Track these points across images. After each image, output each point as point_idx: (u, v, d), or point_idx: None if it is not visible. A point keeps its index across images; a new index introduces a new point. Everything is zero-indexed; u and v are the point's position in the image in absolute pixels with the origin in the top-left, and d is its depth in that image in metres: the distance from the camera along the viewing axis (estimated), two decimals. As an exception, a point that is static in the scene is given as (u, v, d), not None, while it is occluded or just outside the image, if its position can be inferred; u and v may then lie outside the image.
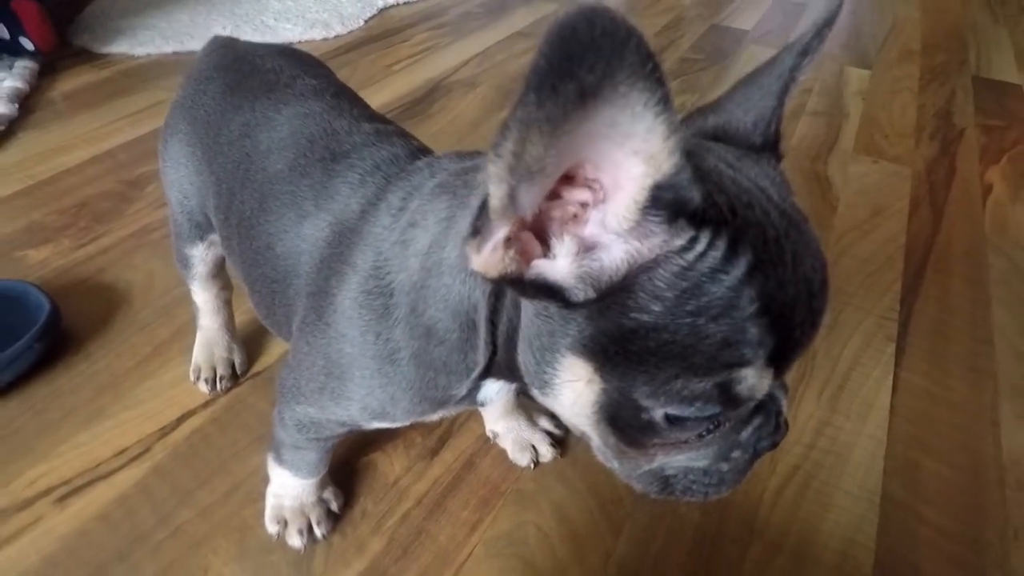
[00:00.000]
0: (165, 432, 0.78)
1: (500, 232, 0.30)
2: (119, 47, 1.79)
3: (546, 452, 0.75)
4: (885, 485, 0.74)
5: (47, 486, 0.72)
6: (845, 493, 0.74)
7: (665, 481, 0.41)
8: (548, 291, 0.32)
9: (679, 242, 0.30)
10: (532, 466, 0.74)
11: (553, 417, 0.79)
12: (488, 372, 0.44)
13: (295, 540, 0.66)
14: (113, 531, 0.68)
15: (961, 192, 1.28)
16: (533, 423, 0.77)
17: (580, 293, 0.32)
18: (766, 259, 0.32)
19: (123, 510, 0.70)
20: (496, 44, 1.88)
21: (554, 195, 0.31)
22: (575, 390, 0.36)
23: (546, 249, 0.32)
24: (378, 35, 1.92)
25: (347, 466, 0.75)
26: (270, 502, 0.68)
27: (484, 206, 0.29)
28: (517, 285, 0.32)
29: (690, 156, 0.28)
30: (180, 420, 0.80)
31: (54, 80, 1.63)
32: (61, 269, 1.01)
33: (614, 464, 0.42)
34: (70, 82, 1.62)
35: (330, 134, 0.56)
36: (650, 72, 0.24)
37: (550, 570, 0.66)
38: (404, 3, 2.15)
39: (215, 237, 0.71)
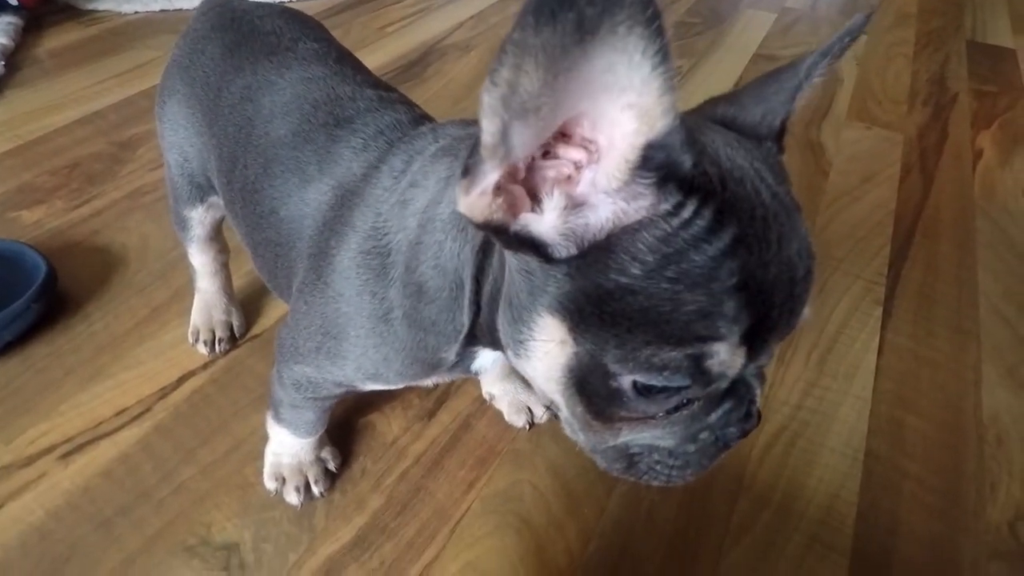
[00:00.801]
0: (165, 392, 0.79)
1: (490, 177, 0.30)
2: (105, 3, 1.75)
3: (541, 413, 0.76)
4: (869, 442, 0.77)
5: (50, 443, 0.74)
6: (831, 451, 0.76)
7: (630, 459, 0.40)
8: (532, 245, 0.32)
9: (666, 206, 0.30)
10: (527, 427, 0.76)
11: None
12: (474, 336, 0.45)
13: (292, 497, 0.68)
14: (117, 487, 0.70)
15: (952, 158, 1.29)
16: (529, 386, 0.79)
17: (563, 249, 0.32)
18: (751, 236, 0.32)
19: (126, 467, 0.71)
20: (490, 6, 1.84)
21: (550, 154, 0.31)
22: (548, 351, 0.36)
23: (535, 204, 0.32)
24: (369, -5, 1.88)
25: (346, 426, 0.76)
26: (269, 460, 0.70)
27: (477, 144, 0.29)
28: (502, 235, 0.32)
29: (688, 127, 0.29)
30: (180, 381, 0.81)
31: (39, 37, 1.60)
32: (55, 230, 1.01)
33: (579, 437, 0.42)
34: (56, 39, 1.59)
35: (334, 100, 0.56)
36: (650, 18, 0.23)
37: (545, 525, 0.68)
38: (396, -39, 2.10)
39: (215, 199, 0.71)
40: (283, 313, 0.89)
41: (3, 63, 1.42)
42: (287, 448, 0.68)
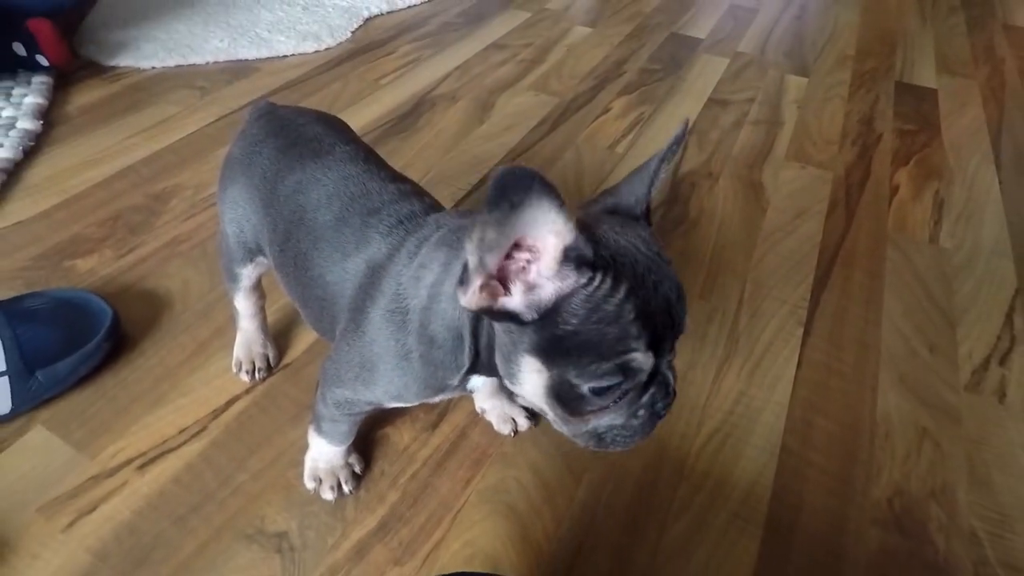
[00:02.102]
0: (217, 413, 0.97)
1: (476, 282, 0.49)
2: (125, 60, 1.91)
3: (523, 423, 0.95)
4: (784, 440, 0.97)
5: (127, 457, 0.91)
6: (753, 447, 0.96)
7: (599, 437, 0.58)
8: (508, 316, 0.52)
9: (583, 280, 0.49)
10: (512, 434, 0.95)
11: (528, 394, 1.00)
12: (473, 369, 0.65)
13: (327, 494, 0.86)
14: (186, 491, 0.87)
15: (872, 194, 1.50)
16: (513, 401, 0.98)
17: (529, 316, 0.51)
18: (636, 286, 0.51)
19: (191, 475, 0.89)
20: (474, 56, 2.04)
21: (509, 256, 0.51)
22: (532, 379, 0.55)
23: (506, 291, 0.53)
24: (364, 47, 2.08)
25: (368, 438, 0.95)
26: (308, 464, 0.88)
27: (466, 267, 0.49)
28: (489, 313, 0.52)
29: (587, 228, 0.50)
30: (229, 404, 0.99)
31: (67, 94, 1.76)
32: (107, 277, 1.18)
33: (563, 428, 0.60)
34: (84, 96, 1.75)
35: (365, 193, 0.75)
36: (548, 190, 0.43)
37: (527, 512, 0.87)
38: (387, 12, 2.30)
39: (261, 259, 0.89)
40: (308, 346, 1.08)
41: (41, 121, 1.59)
42: (323, 455, 0.86)
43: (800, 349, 1.11)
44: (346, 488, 0.87)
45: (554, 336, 0.52)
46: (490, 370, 0.63)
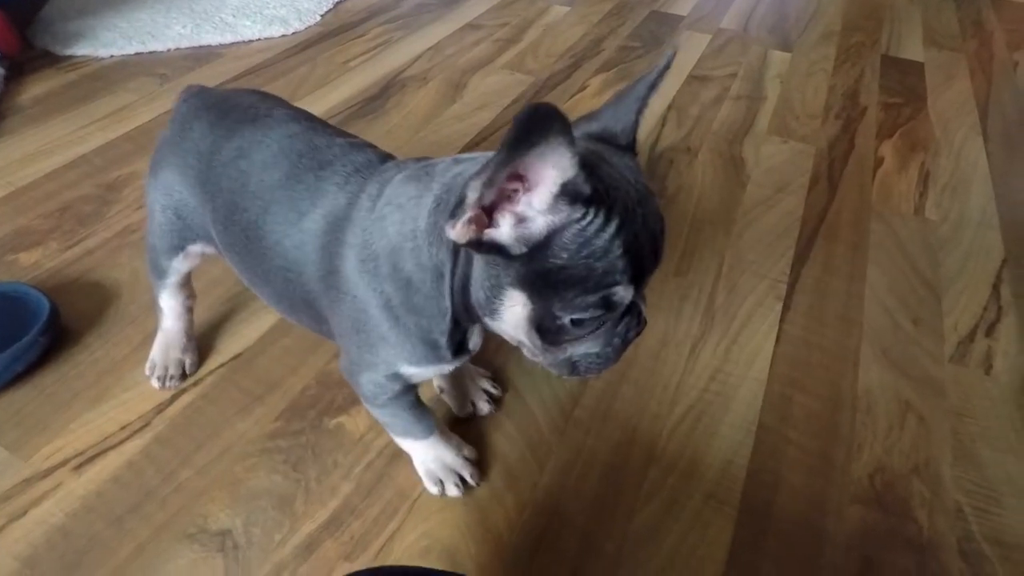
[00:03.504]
0: (162, 408, 0.92)
1: (469, 215, 0.48)
2: (82, 49, 1.85)
3: (483, 407, 0.90)
4: (761, 416, 0.92)
5: (64, 457, 0.86)
6: (729, 425, 0.91)
7: (573, 365, 0.58)
8: (497, 249, 0.50)
9: (576, 215, 0.48)
10: (472, 418, 0.90)
11: (492, 377, 0.95)
12: (457, 322, 0.61)
13: (453, 491, 0.81)
14: (125, 490, 0.82)
15: (856, 166, 1.45)
16: (475, 383, 0.92)
17: (517, 249, 0.50)
18: (627, 221, 0.50)
19: (132, 472, 0.84)
20: (447, 37, 1.99)
21: (501, 189, 0.48)
22: (514, 312, 0.54)
23: (492, 223, 0.50)
24: (334, 30, 2.02)
25: (320, 429, 0.89)
26: (421, 471, 0.82)
27: (461, 201, 0.48)
28: (476, 246, 0.50)
29: (585, 161, 0.47)
30: (174, 397, 0.93)
31: (21, 85, 1.70)
32: (52, 270, 1.13)
33: (539, 358, 0.59)
34: (37, 86, 1.69)
35: (314, 149, 0.70)
36: (566, 129, 0.42)
37: (488, 498, 0.82)
38: (356, -3, 2.24)
39: (197, 248, 0.83)
40: (261, 335, 1.03)
41: (-9, 113, 1.53)
42: (426, 454, 0.81)
43: (779, 324, 1.06)
44: (472, 480, 0.82)
45: (542, 269, 0.51)
46: (467, 313, 0.60)
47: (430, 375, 0.74)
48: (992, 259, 1.21)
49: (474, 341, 0.68)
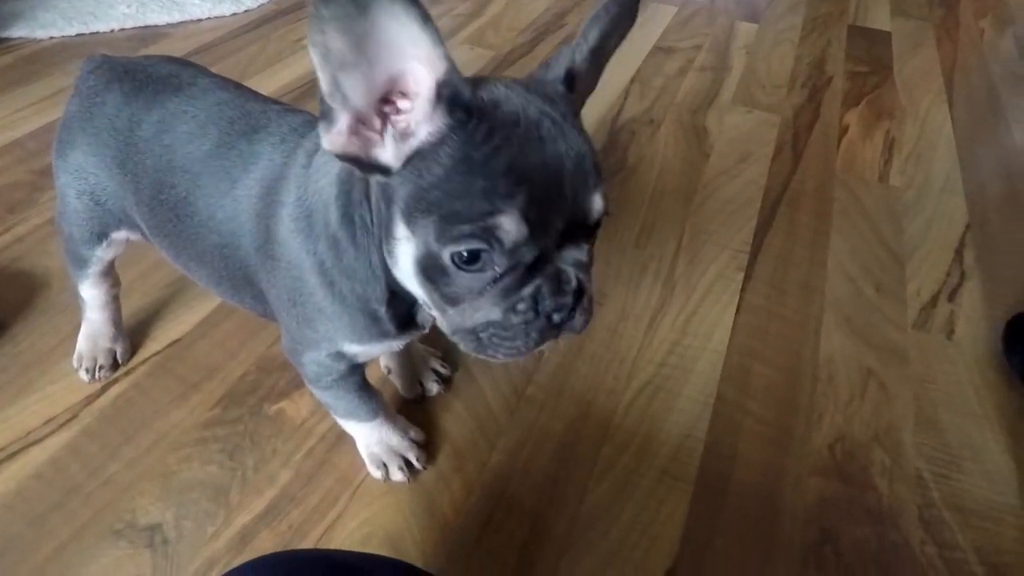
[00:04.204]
0: (91, 399, 0.87)
1: (342, 121, 0.43)
2: (19, 31, 1.76)
3: (432, 388, 0.86)
4: (720, 389, 0.89)
5: (-19, 455, 0.80)
6: (686, 398, 0.88)
7: (477, 338, 0.49)
8: (379, 168, 0.46)
9: (453, 123, 0.43)
10: (419, 399, 0.86)
11: (442, 357, 0.91)
12: (391, 285, 0.55)
13: (398, 476, 0.77)
14: (48, 487, 0.77)
15: (820, 136, 1.42)
16: (424, 362, 0.88)
17: (396, 164, 0.45)
18: (516, 137, 0.43)
19: (55, 468, 0.79)
20: (403, 12, 1.92)
21: (383, 105, 0.44)
22: (403, 251, 0.48)
23: (378, 137, 0.45)
24: (288, 8, 1.94)
25: (260, 414, 0.85)
26: (364, 454, 0.78)
27: (323, 100, 0.42)
28: (357, 163, 0.45)
29: (474, 81, 0.43)
30: (105, 388, 0.88)
31: (-47, 69, 1.62)
32: (-22, 259, 1.06)
33: (444, 324, 0.51)
34: (-30, 71, 1.61)
35: (247, 114, 0.65)
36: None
37: (434, 481, 0.78)
38: (312, -27, 2.16)
39: (120, 235, 0.77)
40: (200, 320, 0.97)
41: (-82, 98, 1.45)
42: (368, 437, 0.77)
43: (740, 294, 1.03)
44: (418, 464, 0.78)
45: (416, 189, 0.45)
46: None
47: (376, 353, 0.69)
48: (956, 224, 1.19)
49: (423, 315, 0.61)
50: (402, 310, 0.59)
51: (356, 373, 0.70)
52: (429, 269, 0.47)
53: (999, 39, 1.91)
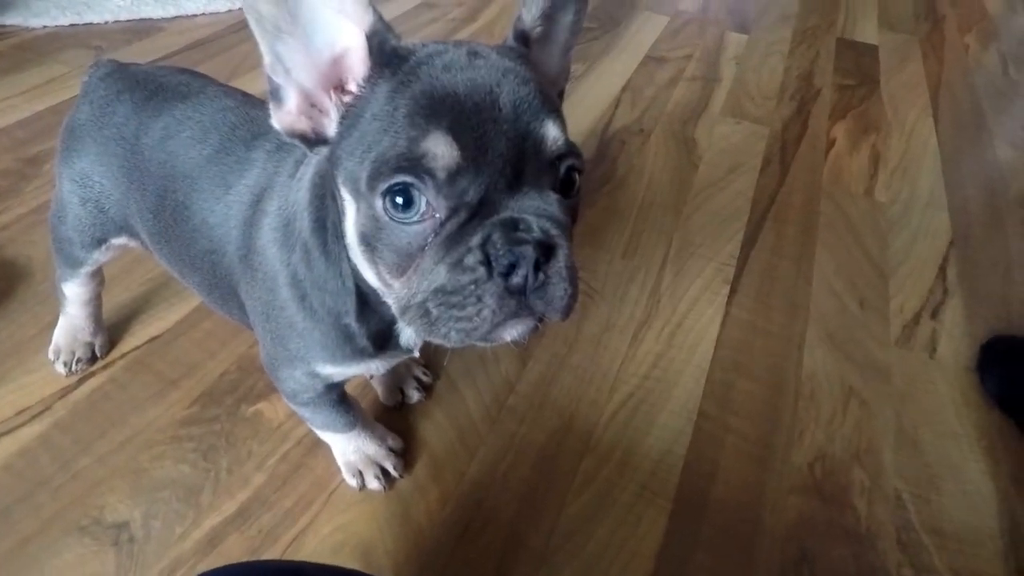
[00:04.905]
0: (67, 392, 0.85)
1: (291, 100, 0.44)
2: (12, 19, 1.74)
3: (412, 395, 0.85)
4: (702, 404, 0.89)
5: (-50, 447, 0.79)
6: (669, 413, 0.87)
7: (427, 314, 0.42)
8: (323, 140, 0.46)
9: (382, 68, 0.44)
10: (399, 407, 0.85)
11: (425, 364, 0.90)
12: (362, 294, 0.53)
13: (374, 484, 0.75)
14: (16, 478, 0.76)
15: (808, 148, 1.43)
16: (406, 369, 0.87)
17: (334, 127, 0.45)
18: (442, 66, 0.42)
19: (25, 460, 0.77)
20: (401, 15, 1.92)
21: (335, 91, 0.45)
22: (348, 220, 0.46)
23: (327, 117, 0.46)
24: (282, 5, 1.93)
25: (236, 415, 0.84)
26: (341, 463, 0.77)
27: (271, 79, 0.43)
28: (304, 140, 0.46)
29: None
30: (81, 381, 0.87)
31: (-58, 55, 1.60)
32: (-41, 248, 1.05)
33: (394, 306, 0.46)
34: (-40, 58, 1.59)
35: (250, 120, 0.65)
36: None
37: (410, 490, 0.77)
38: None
39: (119, 241, 0.76)
40: (182, 317, 0.96)
41: (-96, 83, 1.43)
42: (345, 447, 0.75)
43: (725, 308, 1.03)
44: (395, 472, 0.77)
45: (352, 143, 0.44)
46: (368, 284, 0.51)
47: (353, 374, 0.66)
48: (940, 240, 1.20)
49: (407, 335, 0.58)
50: (377, 325, 0.56)
51: (333, 391, 0.69)
52: (368, 234, 0.44)
53: (984, 54, 1.93)
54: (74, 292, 0.85)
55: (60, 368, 0.87)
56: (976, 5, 2.26)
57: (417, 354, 0.61)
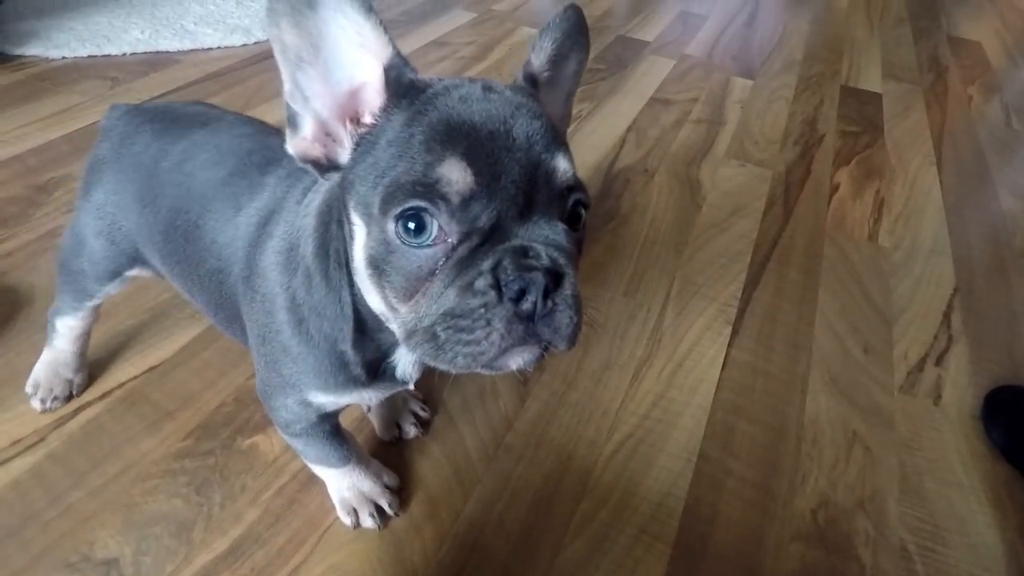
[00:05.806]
0: (61, 422, 0.85)
1: (307, 128, 0.46)
2: (33, 49, 1.79)
3: (409, 431, 0.85)
4: (703, 446, 0.87)
5: (-57, 476, 0.78)
6: (668, 455, 0.86)
7: (435, 338, 0.42)
8: (335, 167, 0.47)
9: (399, 99, 0.45)
10: (395, 442, 0.84)
11: (423, 399, 0.89)
12: (364, 330, 0.54)
13: (368, 522, 0.74)
14: (7, 511, 0.75)
15: (811, 192, 1.44)
16: (404, 403, 0.87)
17: (347, 155, 0.47)
18: (458, 98, 0.44)
19: (16, 493, 0.76)
20: (411, 53, 1.96)
21: (350, 122, 0.46)
22: (357, 244, 0.46)
23: (341, 146, 0.47)
24: (296, 42, 1.98)
25: (232, 448, 0.83)
26: (335, 499, 0.76)
27: (288, 109, 0.45)
28: (317, 166, 0.47)
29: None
30: (77, 411, 0.86)
31: (-38, 84, 1.63)
32: (-38, 274, 1.05)
33: (400, 333, 0.45)
34: (-21, 86, 1.63)
35: (265, 146, 0.66)
36: None
37: (405, 529, 0.76)
38: (324, 10, 2.21)
39: (132, 273, 0.77)
40: (181, 347, 0.96)
41: (-77, 110, 1.46)
42: (340, 482, 0.74)
43: (727, 349, 1.02)
44: (389, 510, 0.76)
45: (366, 169, 0.45)
46: (372, 313, 0.50)
47: (346, 403, 0.65)
48: (943, 287, 1.20)
49: (403, 367, 0.58)
50: (372, 354, 0.56)
51: (326, 423, 0.68)
52: (378, 257, 0.44)
53: (987, 106, 1.95)
54: (68, 326, 0.85)
55: (36, 404, 0.86)
56: (979, 57, 2.30)
57: (412, 386, 0.61)
